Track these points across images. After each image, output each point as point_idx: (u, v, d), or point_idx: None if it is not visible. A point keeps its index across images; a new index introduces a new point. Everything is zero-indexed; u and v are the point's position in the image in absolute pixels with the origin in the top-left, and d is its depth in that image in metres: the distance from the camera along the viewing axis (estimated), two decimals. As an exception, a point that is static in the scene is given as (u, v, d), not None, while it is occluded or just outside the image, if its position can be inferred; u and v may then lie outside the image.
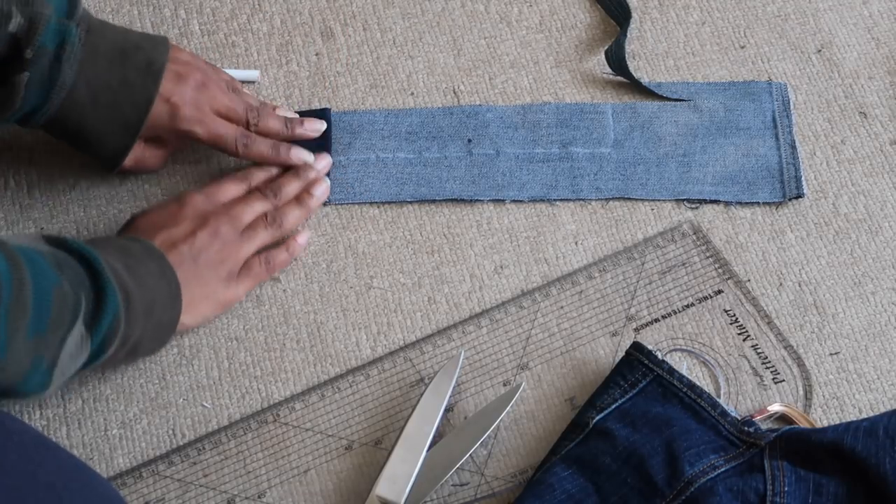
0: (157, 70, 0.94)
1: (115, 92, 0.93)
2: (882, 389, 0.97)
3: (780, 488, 0.88)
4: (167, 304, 0.90)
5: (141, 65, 0.94)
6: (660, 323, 0.99)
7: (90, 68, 0.92)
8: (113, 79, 0.93)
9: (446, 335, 0.99)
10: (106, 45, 0.93)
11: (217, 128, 0.98)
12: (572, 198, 1.04)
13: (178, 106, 0.95)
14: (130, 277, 0.85)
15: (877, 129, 1.08)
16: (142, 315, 0.86)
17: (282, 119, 1.02)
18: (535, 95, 1.09)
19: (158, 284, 0.89)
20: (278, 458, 0.94)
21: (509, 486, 0.93)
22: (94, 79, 0.92)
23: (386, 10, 1.13)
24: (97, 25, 0.93)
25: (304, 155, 1.02)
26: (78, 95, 0.92)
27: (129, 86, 0.94)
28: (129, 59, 0.93)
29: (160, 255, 0.91)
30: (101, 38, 0.93)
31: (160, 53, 0.95)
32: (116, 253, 0.87)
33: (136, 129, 0.95)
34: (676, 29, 1.13)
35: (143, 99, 0.94)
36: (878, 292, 1.01)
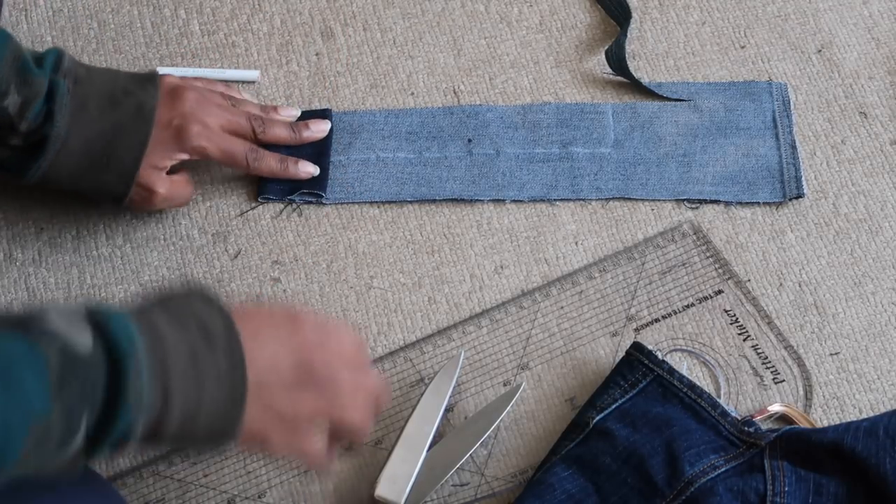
0: (149, 112, 0.94)
1: (109, 139, 0.93)
2: (882, 389, 0.97)
3: (781, 488, 0.88)
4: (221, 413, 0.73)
5: (132, 109, 0.94)
6: (660, 323, 0.99)
7: (81, 119, 0.92)
8: (105, 126, 0.93)
9: (446, 335, 0.99)
10: (95, 94, 0.93)
11: (226, 144, 0.98)
12: (572, 198, 1.04)
13: (182, 127, 0.95)
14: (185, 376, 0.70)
15: (877, 129, 1.08)
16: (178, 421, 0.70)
17: (287, 125, 1.02)
18: (535, 95, 1.09)
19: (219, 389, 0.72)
20: (278, 458, 0.94)
21: (509, 486, 0.93)
22: (85, 129, 0.93)
23: (386, 10, 1.13)
24: (84, 75, 0.93)
25: (311, 168, 1.02)
26: (72, 147, 0.93)
27: (122, 131, 0.93)
28: (119, 106, 0.93)
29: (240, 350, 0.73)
30: (90, 87, 0.93)
31: (149, 95, 0.95)
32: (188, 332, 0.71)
33: (132, 173, 0.94)
34: (676, 29, 1.13)
35: (136, 142, 0.94)
36: (879, 292, 1.01)
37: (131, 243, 1.01)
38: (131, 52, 1.10)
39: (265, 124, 1.00)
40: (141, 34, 1.10)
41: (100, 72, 0.95)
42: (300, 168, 1.02)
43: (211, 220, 1.02)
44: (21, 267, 1.00)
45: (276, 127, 1.01)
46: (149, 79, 0.96)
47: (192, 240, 1.02)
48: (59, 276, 1.00)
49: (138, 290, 1.00)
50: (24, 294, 0.99)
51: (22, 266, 1.01)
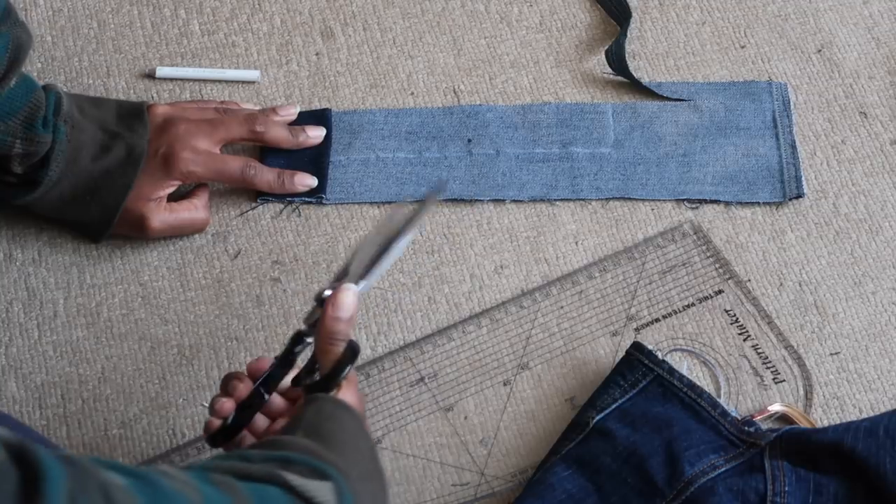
0: (137, 157, 0.95)
1: (96, 182, 0.95)
2: (882, 389, 0.97)
3: (781, 488, 0.88)
4: None
5: (121, 155, 0.95)
6: (660, 323, 0.99)
7: (74, 165, 0.94)
8: (95, 172, 0.95)
9: (446, 335, 0.99)
10: (88, 142, 0.95)
11: (219, 165, 0.99)
12: (572, 198, 1.04)
13: (169, 155, 0.96)
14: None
15: (877, 129, 1.08)
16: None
17: (286, 127, 1.03)
18: (535, 95, 1.09)
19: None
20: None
21: (509, 486, 0.93)
22: (77, 174, 0.95)
23: (386, 10, 1.13)
24: (78, 120, 0.95)
25: (308, 181, 1.02)
26: (61, 188, 0.95)
27: (110, 176, 0.95)
28: (110, 152, 0.95)
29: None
30: (83, 133, 0.95)
31: (139, 136, 0.96)
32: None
33: (113, 213, 0.96)
34: (676, 29, 1.13)
35: (121, 185, 0.95)
36: (879, 292, 1.01)
37: (131, 243, 1.01)
38: (131, 52, 1.10)
39: (266, 124, 1.01)
40: (141, 34, 1.10)
41: (90, 110, 0.96)
42: (297, 181, 1.02)
43: (211, 220, 1.02)
44: (21, 267, 1.00)
45: (275, 128, 1.01)
46: (137, 116, 0.97)
47: (192, 240, 1.02)
48: (59, 276, 1.00)
49: (138, 290, 1.00)
50: (24, 294, 0.99)
51: (22, 266, 1.00)
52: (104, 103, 0.98)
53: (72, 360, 0.97)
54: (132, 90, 1.07)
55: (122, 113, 0.98)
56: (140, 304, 0.99)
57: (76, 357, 0.97)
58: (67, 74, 1.08)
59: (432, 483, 0.93)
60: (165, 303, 0.99)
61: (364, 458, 0.77)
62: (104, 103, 0.98)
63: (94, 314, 0.99)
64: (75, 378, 0.96)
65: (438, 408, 0.96)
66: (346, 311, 0.82)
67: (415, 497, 0.93)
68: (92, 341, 0.98)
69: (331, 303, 0.82)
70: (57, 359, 0.97)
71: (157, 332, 0.98)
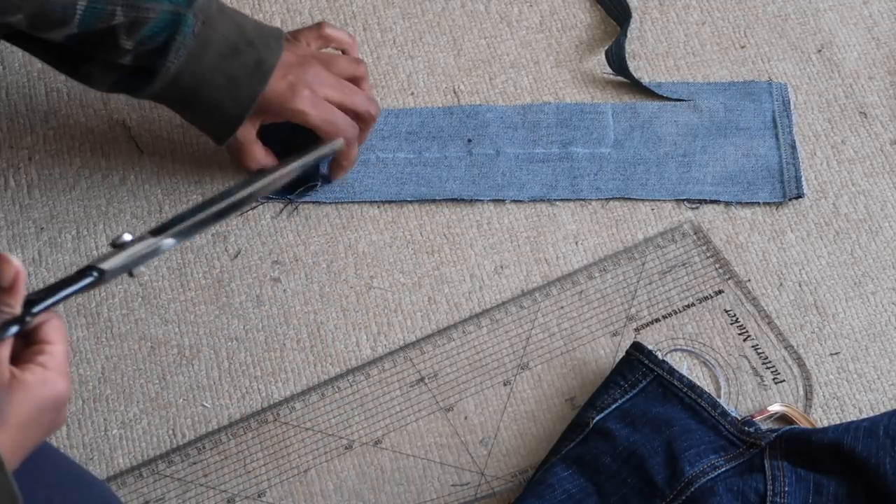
0: (266, 70, 0.92)
1: (220, 88, 0.92)
2: (882, 389, 0.97)
3: (781, 488, 0.88)
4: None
5: (250, 63, 0.92)
6: (660, 323, 0.99)
7: (198, 62, 0.91)
8: (219, 75, 0.92)
9: (446, 335, 0.99)
10: (218, 40, 0.91)
11: (331, 115, 0.96)
12: (572, 198, 1.04)
13: (294, 84, 0.94)
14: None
15: (877, 129, 1.08)
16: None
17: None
18: (535, 95, 1.09)
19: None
20: (278, 458, 0.94)
21: (509, 486, 0.93)
22: (200, 72, 0.91)
23: (386, 10, 1.13)
24: (215, 16, 0.91)
25: None
26: (182, 84, 0.91)
27: (235, 83, 0.92)
28: (238, 57, 0.92)
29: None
30: (215, 31, 0.91)
31: (272, 53, 0.93)
32: None
33: (234, 124, 0.94)
34: (676, 29, 1.13)
35: (247, 97, 0.93)
36: (879, 292, 1.01)
37: (131, 243, 1.01)
38: (131, 52, 1.09)
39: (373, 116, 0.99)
40: (141, 34, 1.10)
41: (229, 15, 0.93)
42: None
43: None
44: (21, 267, 1.00)
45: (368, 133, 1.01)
46: (275, 37, 0.94)
47: (192, 240, 1.02)
48: (58, 276, 1.00)
49: (138, 289, 1.00)
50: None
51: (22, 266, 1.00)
52: (246, 15, 0.95)
53: (72, 360, 0.97)
54: (132, 90, 1.07)
55: (261, 27, 0.94)
56: (140, 304, 0.99)
57: (76, 357, 0.97)
58: (67, 74, 1.08)
59: (432, 483, 0.93)
60: (165, 303, 0.99)
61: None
62: (246, 15, 0.95)
63: (94, 314, 0.99)
64: (75, 378, 0.96)
65: (438, 408, 0.96)
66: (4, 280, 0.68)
67: (415, 497, 0.93)
68: (92, 341, 0.98)
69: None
70: (57, 359, 0.97)
71: (157, 332, 0.98)
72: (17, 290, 0.68)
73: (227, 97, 0.93)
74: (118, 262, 0.73)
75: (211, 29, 0.90)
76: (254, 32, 0.93)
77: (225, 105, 0.93)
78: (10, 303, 0.68)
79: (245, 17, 0.94)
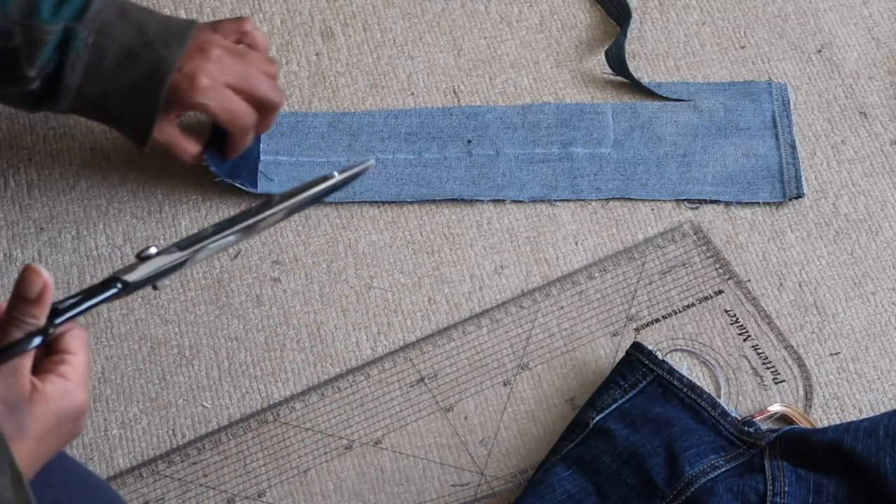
0: (164, 72, 0.91)
1: (123, 96, 0.91)
2: (882, 389, 0.97)
3: (781, 488, 0.88)
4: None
5: (148, 67, 0.91)
6: (660, 323, 0.99)
7: (96, 73, 0.90)
8: (118, 85, 0.91)
9: (446, 335, 0.99)
10: (114, 48, 0.90)
11: (232, 104, 0.94)
12: (572, 198, 1.04)
13: (192, 76, 0.92)
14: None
15: (877, 129, 1.08)
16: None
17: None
18: (535, 95, 1.09)
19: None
20: (278, 458, 0.94)
21: (509, 486, 0.93)
22: (101, 83, 0.91)
23: (386, 10, 1.13)
24: (112, 22, 0.90)
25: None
26: (88, 97, 0.91)
27: (136, 89, 0.91)
28: (136, 62, 0.91)
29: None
30: (111, 39, 0.90)
31: (171, 52, 0.91)
32: None
33: (146, 129, 0.93)
34: (676, 29, 1.13)
35: (149, 101, 0.92)
36: (879, 292, 1.01)
37: (131, 243, 1.01)
38: (131, 52, 1.09)
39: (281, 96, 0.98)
40: (141, 34, 1.10)
41: (132, 16, 0.91)
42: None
43: (211, 221, 1.02)
44: (21, 267, 1.00)
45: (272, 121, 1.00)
46: (180, 35, 0.92)
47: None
48: (58, 276, 1.00)
49: (138, 290, 1.00)
50: (23, 294, 0.99)
51: (22, 266, 1.00)
52: (154, 13, 0.93)
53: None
54: (132, 90, 1.07)
55: (169, 24, 0.93)
56: (140, 304, 0.99)
57: (76, 357, 0.97)
58: (67, 74, 1.08)
59: (432, 483, 0.93)
60: (165, 303, 0.99)
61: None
62: (154, 13, 0.93)
63: (94, 314, 0.99)
64: (75, 378, 0.96)
65: (438, 408, 0.96)
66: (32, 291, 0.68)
67: (415, 497, 0.93)
68: (92, 341, 0.98)
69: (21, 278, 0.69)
70: (57, 359, 0.97)
71: (157, 332, 0.98)
72: (44, 301, 0.69)
73: (132, 104, 0.92)
74: (143, 275, 0.72)
75: (106, 37, 0.90)
76: (156, 32, 0.92)
77: (131, 111, 0.92)
78: (36, 314, 0.68)
79: (152, 14, 0.93)
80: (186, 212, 1.03)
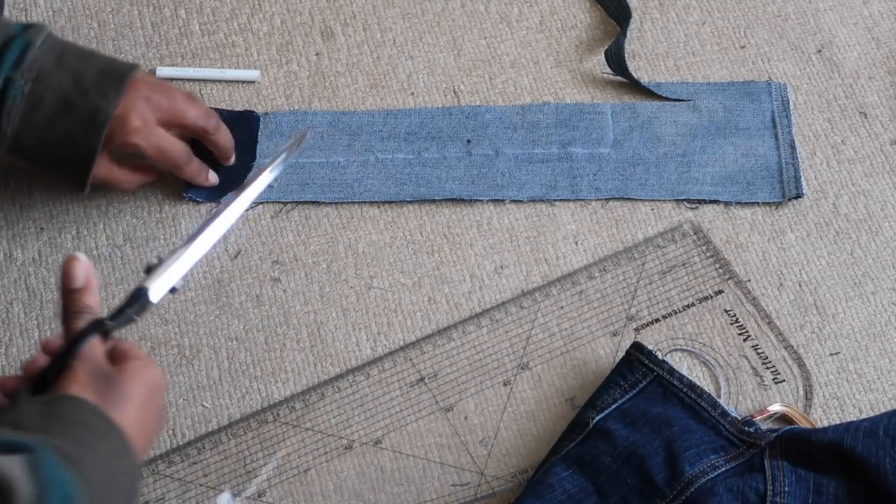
0: (101, 122, 0.92)
1: (59, 145, 0.92)
2: (882, 389, 0.97)
3: (781, 488, 0.88)
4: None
5: (84, 117, 0.92)
6: (660, 323, 0.99)
7: (31, 121, 0.91)
8: (55, 133, 0.92)
9: (446, 335, 0.99)
10: (50, 97, 0.91)
11: (162, 142, 0.96)
12: (571, 198, 1.04)
13: (122, 117, 0.93)
14: None
15: (877, 129, 1.08)
16: None
17: (230, 140, 1.02)
18: (535, 95, 1.09)
19: None
20: (278, 458, 0.94)
21: (509, 486, 0.93)
22: (37, 131, 0.92)
23: (386, 10, 1.13)
24: (49, 70, 0.91)
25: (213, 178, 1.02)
26: (24, 143, 0.92)
27: (72, 139, 0.92)
28: (72, 111, 0.92)
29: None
30: (47, 87, 0.91)
31: (108, 102, 0.92)
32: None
33: (83, 175, 0.94)
34: (676, 29, 1.13)
35: (85, 149, 0.93)
36: (879, 292, 1.01)
37: (131, 243, 1.01)
38: (131, 52, 1.10)
39: (219, 128, 1.00)
40: (141, 34, 1.10)
41: (72, 62, 0.92)
42: (210, 177, 1.02)
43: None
44: (21, 267, 1.00)
45: (225, 135, 1.01)
46: (117, 81, 0.93)
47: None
48: (58, 276, 0.99)
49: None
50: (24, 294, 0.99)
51: (22, 266, 1.00)
52: (93, 58, 0.93)
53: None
54: (132, 90, 1.07)
55: (107, 71, 0.93)
56: (140, 304, 0.99)
57: (76, 357, 0.97)
58: (67, 74, 1.08)
59: (432, 483, 0.93)
60: (165, 303, 0.99)
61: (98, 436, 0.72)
62: (93, 58, 0.93)
63: (93, 314, 0.99)
64: (75, 378, 0.96)
65: (438, 408, 0.96)
66: (77, 280, 0.77)
67: (415, 497, 0.93)
68: (92, 341, 0.98)
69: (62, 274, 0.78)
70: (57, 359, 0.97)
71: (157, 332, 0.98)
72: (91, 287, 0.78)
73: (68, 152, 0.93)
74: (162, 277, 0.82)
75: (42, 86, 0.91)
76: (93, 80, 0.92)
77: (68, 159, 0.93)
78: (89, 302, 0.77)
79: (91, 59, 0.93)
80: (186, 212, 1.03)
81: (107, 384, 0.75)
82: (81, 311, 0.77)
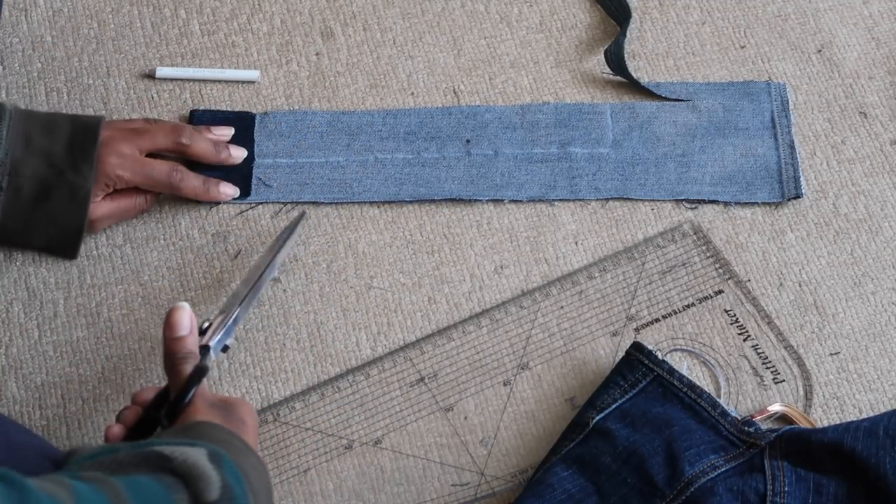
0: (83, 198, 0.94)
1: (45, 228, 0.95)
2: (882, 389, 0.97)
3: (780, 488, 0.88)
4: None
5: (65, 196, 0.94)
6: (660, 323, 0.99)
7: (15, 211, 0.94)
8: (40, 215, 0.94)
9: (446, 335, 0.99)
10: (27, 184, 0.93)
11: (144, 167, 0.97)
12: (570, 198, 1.04)
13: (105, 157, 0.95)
14: None
15: (877, 129, 1.08)
16: None
17: (211, 142, 1.02)
18: (535, 95, 1.09)
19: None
20: (278, 458, 0.94)
21: (509, 486, 0.93)
22: (22, 218, 0.94)
23: (386, 10, 1.13)
24: (20, 157, 0.93)
25: (230, 190, 1.03)
26: (11, 231, 0.95)
27: (56, 219, 0.95)
28: (52, 193, 0.94)
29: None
30: (23, 175, 0.93)
31: (85, 179, 0.94)
32: None
33: (74, 246, 0.97)
34: (676, 29, 1.13)
35: (72, 224, 0.96)
36: (878, 292, 1.01)
37: (131, 243, 1.01)
38: (131, 52, 1.10)
39: (192, 137, 1.00)
40: (141, 34, 1.10)
41: (39, 141, 0.94)
42: (221, 190, 1.02)
43: (211, 220, 1.03)
44: (21, 267, 1.00)
45: (201, 142, 1.01)
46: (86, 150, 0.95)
47: (192, 240, 1.02)
48: (59, 276, 1.00)
49: (138, 289, 1.00)
50: (24, 294, 0.99)
51: (22, 266, 1.00)
52: (57, 128, 0.95)
53: (72, 361, 0.97)
54: (132, 90, 1.07)
55: (73, 143, 0.95)
56: (140, 304, 0.99)
57: (76, 357, 0.97)
58: (67, 74, 1.08)
59: (432, 483, 0.93)
60: (165, 303, 0.99)
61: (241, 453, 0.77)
62: (57, 128, 0.95)
63: (94, 314, 0.99)
64: (75, 378, 0.96)
65: (438, 408, 0.96)
66: (181, 329, 0.85)
67: (415, 497, 0.93)
68: (92, 341, 0.98)
69: (166, 324, 0.85)
70: (57, 359, 0.97)
71: (157, 333, 0.98)
72: (195, 332, 0.87)
73: (55, 232, 0.96)
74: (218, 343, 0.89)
75: (18, 175, 0.93)
76: (63, 157, 0.94)
77: (56, 236, 0.97)
78: (192, 346, 0.86)
79: (54, 131, 0.95)
80: (186, 212, 1.03)
81: (228, 414, 0.82)
82: (188, 356, 0.85)
